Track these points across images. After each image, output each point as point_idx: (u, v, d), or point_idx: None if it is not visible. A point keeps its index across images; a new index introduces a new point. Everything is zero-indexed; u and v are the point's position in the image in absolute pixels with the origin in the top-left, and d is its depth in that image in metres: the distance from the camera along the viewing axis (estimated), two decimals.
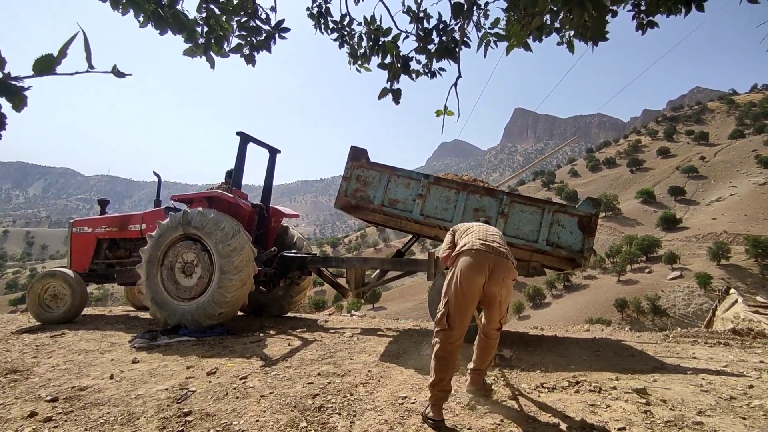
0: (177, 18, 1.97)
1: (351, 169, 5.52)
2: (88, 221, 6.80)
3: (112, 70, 0.87)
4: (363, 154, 5.54)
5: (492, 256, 2.85)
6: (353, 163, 5.52)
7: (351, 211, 5.69)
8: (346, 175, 5.53)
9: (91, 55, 0.83)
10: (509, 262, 2.91)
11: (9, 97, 0.80)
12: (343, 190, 5.53)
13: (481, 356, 3.04)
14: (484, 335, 3.04)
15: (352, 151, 5.57)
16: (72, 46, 0.80)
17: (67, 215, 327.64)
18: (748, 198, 60.89)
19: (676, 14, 2.82)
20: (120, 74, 0.88)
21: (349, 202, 5.47)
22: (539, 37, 2.57)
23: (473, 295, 2.79)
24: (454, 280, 2.84)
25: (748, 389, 3.27)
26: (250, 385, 3.32)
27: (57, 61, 0.80)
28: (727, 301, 10.17)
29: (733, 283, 35.25)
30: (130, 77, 1.03)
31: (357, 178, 5.49)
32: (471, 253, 2.87)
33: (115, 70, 0.87)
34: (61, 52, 0.80)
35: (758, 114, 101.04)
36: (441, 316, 2.82)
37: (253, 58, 2.83)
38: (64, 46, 0.80)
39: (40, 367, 3.90)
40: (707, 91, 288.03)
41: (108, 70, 0.84)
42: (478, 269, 2.79)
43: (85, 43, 0.84)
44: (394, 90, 2.73)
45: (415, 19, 2.71)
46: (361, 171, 5.49)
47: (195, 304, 5.24)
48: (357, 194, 5.46)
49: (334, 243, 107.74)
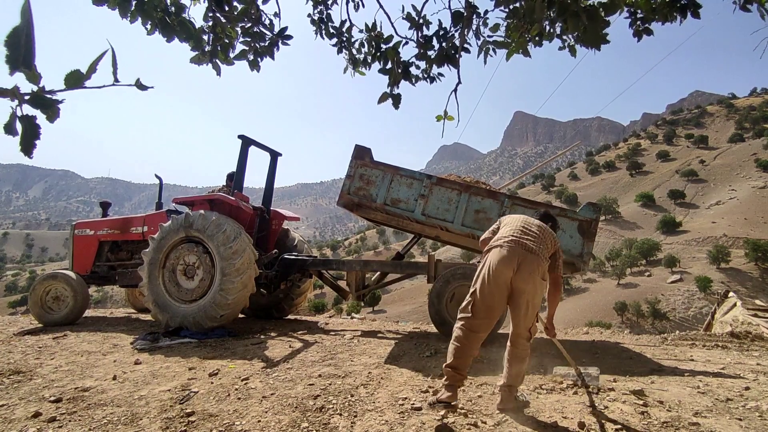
0: (184, 26, 2.01)
1: (355, 167, 5.56)
2: (90, 223, 6.83)
3: (136, 84, 0.91)
4: (367, 153, 5.59)
5: (521, 251, 2.92)
6: (357, 162, 5.56)
7: (353, 209, 5.73)
8: (350, 173, 5.57)
9: (117, 70, 0.89)
10: (538, 258, 2.93)
11: (44, 110, 0.86)
12: (346, 188, 5.57)
13: (510, 369, 2.94)
14: (510, 343, 3.01)
15: (356, 150, 5.62)
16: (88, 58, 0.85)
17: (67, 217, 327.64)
18: (747, 201, 60.97)
19: (672, 21, 2.88)
20: (143, 87, 0.93)
21: (351, 200, 5.52)
22: (539, 43, 2.62)
23: (499, 286, 2.86)
24: (483, 270, 2.95)
25: (745, 391, 3.31)
26: (252, 386, 3.36)
27: (87, 76, 0.85)
28: (726, 304, 10.21)
29: (733, 287, 35.24)
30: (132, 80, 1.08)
31: (360, 176, 5.53)
32: (501, 246, 2.97)
33: (138, 83, 0.91)
34: (91, 68, 0.85)
35: (758, 118, 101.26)
36: (466, 304, 2.94)
37: (257, 64, 2.88)
38: (94, 63, 0.85)
39: (43, 368, 3.93)
40: (707, 95, 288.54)
41: (132, 84, 0.89)
42: (506, 262, 2.87)
43: (112, 58, 0.89)
44: (394, 95, 2.78)
45: (415, 26, 2.76)
46: (365, 169, 5.54)
47: (196, 306, 5.27)
48: (360, 192, 5.50)
49: (334, 246, 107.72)
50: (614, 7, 2.14)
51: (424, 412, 2.80)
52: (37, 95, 0.85)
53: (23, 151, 0.87)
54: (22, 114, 0.85)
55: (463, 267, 5.12)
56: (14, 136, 0.86)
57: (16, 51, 0.80)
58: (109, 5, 1.94)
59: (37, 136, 0.87)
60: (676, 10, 2.75)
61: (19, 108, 0.84)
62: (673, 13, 2.75)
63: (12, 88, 0.82)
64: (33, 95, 0.85)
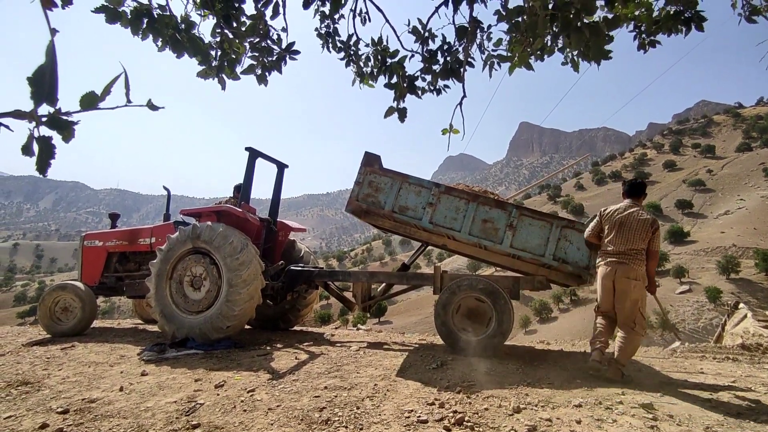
0: (193, 42, 2.06)
1: (364, 174, 5.60)
2: (98, 235, 6.90)
3: (147, 104, 0.94)
4: (376, 160, 5.63)
5: (615, 263, 4.18)
6: (366, 169, 5.60)
7: (361, 216, 5.76)
8: (359, 180, 5.60)
9: (130, 91, 0.92)
10: (628, 266, 4.11)
11: (60, 131, 0.89)
12: (355, 195, 5.60)
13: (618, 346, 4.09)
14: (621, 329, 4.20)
15: (366, 157, 5.66)
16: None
17: (76, 228, 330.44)
18: (756, 211, 60.37)
19: (677, 34, 2.90)
20: (154, 107, 0.96)
21: (360, 206, 5.55)
22: (541, 57, 2.65)
23: (607, 290, 4.22)
24: (597, 282, 4.37)
25: (756, 405, 3.26)
26: (258, 398, 3.35)
27: (101, 98, 0.88)
28: (737, 315, 10.09)
29: (744, 298, 34.78)
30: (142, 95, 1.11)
31: (369, 183, 5.57)
32: (603, 263, 4.30)
33: (150, 104, 0.94)
34: (106, 90, 0.88)
35: (765, 127, 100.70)
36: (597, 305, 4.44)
37: (264, 78, 2.93)
38: (108, 85, 0.89)
39: (51, 379, 3.95)
40: (713, 105, 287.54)
41: (143, 104, 0.92)
42: (608, 275, 4.21)
43: (125, 80, 0.92)
44: (400, 109, 2.81)
45: (421, 40, 2.80)
46: (374, 176, 5.57)
47: (203, 317, 5.28)
48: (368, 199, 5.54)
49: (340, 256, 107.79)
50: (617, 23, 2.16)
51: (430, 425, 2.78)
52: (53, 117, 0.88)
53: (39, 170, 0.90)
54: (39, 135, 0.89)
55: (469, 278, 5.10)
56: (31, 157, 0.89)
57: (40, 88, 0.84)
58: (122, 23, 2.00)
59: (52, 155, 0.90)
60: (681, 23, 2.76)
61: (36, 129, 0.88)
62: (678, 26, 2.77)
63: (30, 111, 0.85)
64: (50, 117, 0.88)
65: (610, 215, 4.33)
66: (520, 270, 5.31)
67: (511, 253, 5.00)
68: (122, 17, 2.02)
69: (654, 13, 2.85)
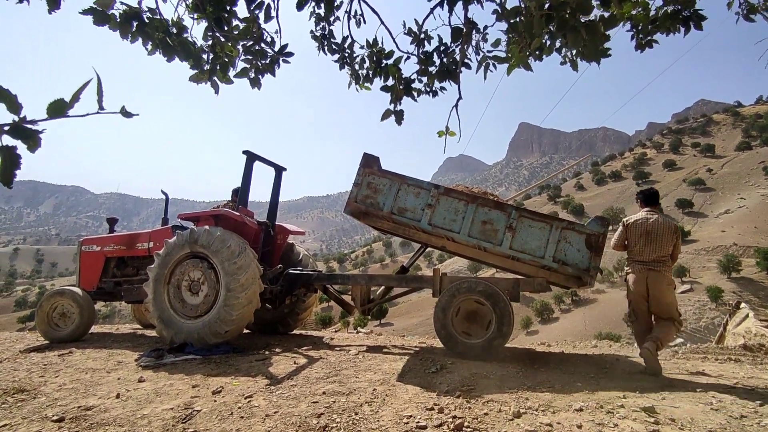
0: (184, 46, 2.03)
1: (362, 175, 5.57)
2: (96, 240, 6.87)
3: (121, 111, 0.91)
4: (375, 162, 5.60)
5: (646, 271, 4.61)
6: (365, 170, 5.58)
7: (360, 217, 5.73)
8: (357, 181, 5.58)
9: (102, 98, 0.88)
10: (659, 273, 4.57)
11: (24, 140, 0.86)
12: (354, 196, 5.57)
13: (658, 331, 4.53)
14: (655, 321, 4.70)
15: (365, 158, 5.63)
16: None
17: (76, 233, 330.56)
18: (757, 210, 60.30)
19: (675, 33, 2.86)
20: (128, 114, 0.92)
21: (358, 207, 5.52)
22: (539, 57, 2.62)
23: (640, 297, 4.65)
24: (630, 290, 4.75)
25: (759, 407, 3.22)
26: (255, 404, 3.32)
27: (70, 105, 0.84)
28: (738, 315, 10.01)
29: (745, 297, 34.72)
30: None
31: (368, 184, 5.54)
32: (634, 272, 4.70)
33: (123, 111, 0.91)
34: (74, 97, 0.85)
35: (764, 126, 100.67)
36: (628, 312, 4.88)
37: (258, 82, 2.90)
38: (77, 92, 0.85)
39: (48, 386, 3.91)
40: (712, 104, 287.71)
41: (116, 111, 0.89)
42: (640, 282, 4.63)
43: (98, 86, 0.89)
44: (397, 111, 2.78)
45: (417, 41, 2.77)
46: (372, 178, 5.54)
47: (201, 322, 5.25)
48: (367, 200, 5.51)
49: (341, 259, 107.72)
50: (614, 22, 2.13)
51: (429, 431, 2.75)
52: (17, 125, 0.84)
53: (3, 181, 0.87)
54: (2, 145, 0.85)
55: (468, 281, 5.06)
56: None
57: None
58: (110, 26, 1.96)
59: (17, 166, 0.86)
60: (679, 22, 2.73)
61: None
62: (676, 25, 2.74)
63: None
64: (13, 125, 0.85)
65: (635, 225, 4.78)
66: (520, 272, 5.27)
67: (511, 254, 4.96)
68: (111, 20, 1.98)
69: (651, 13, 2.83)
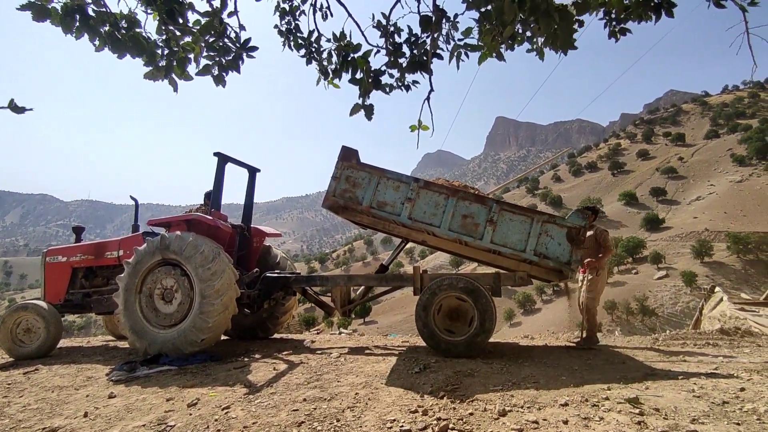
0: (135, 41, 1.88)
1: (341, 168, 5.43)
2: (62, 250, 6.57)
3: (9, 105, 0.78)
4: (354, 155, 5.46)
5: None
6: (343, 163, 5.43)
7: (339, 212, 5.60)
8: (336, 175, 5.43)
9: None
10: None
11: None
12: (332, 190, 5.43)
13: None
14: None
15: (343, 151, 5.49)
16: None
17: (46, 242, 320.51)
18: (726, 196, 62.31)
19: (647, 21, 2.83)
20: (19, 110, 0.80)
21: (337, 202, 5.39)
22: (511, 46, 2.55)
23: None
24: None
25: (740, 392, 3.24)
26: (233, 415, 3.18)
27: None
28: (713, 299, 10.27)
29: (717, 280, 35.82)
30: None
31: (346, 178, 5.40)
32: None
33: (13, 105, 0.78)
34: None
35: (731, 114, 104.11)
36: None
37: (222, 79, 2.76)
38: None
39: (11, 407, 3.70)
40: (681, 94, 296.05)
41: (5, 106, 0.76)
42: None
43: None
44: (366, 106, 2.67)
45: (385, 34, 2.67)
46: (351, 171, 5.41)
47: (176, 331, 5.06)
48: (345, 194, 5.37)
49: (322, 258, 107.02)
50: (586, 7, 2.07)
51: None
52: None
53: None
54: None
55: (449, 277, 4.99)
56: None
57: None
58: (51, 21, 1.80)
59: None
60: (651, 9, 2.70)
61: None
62: (648, 12, 2.70)
63: None
64: None
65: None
66: (502, 266, 5.24)
67: (492, 248, 4.91)
68: (51, 14, 1.82)
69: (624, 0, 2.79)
